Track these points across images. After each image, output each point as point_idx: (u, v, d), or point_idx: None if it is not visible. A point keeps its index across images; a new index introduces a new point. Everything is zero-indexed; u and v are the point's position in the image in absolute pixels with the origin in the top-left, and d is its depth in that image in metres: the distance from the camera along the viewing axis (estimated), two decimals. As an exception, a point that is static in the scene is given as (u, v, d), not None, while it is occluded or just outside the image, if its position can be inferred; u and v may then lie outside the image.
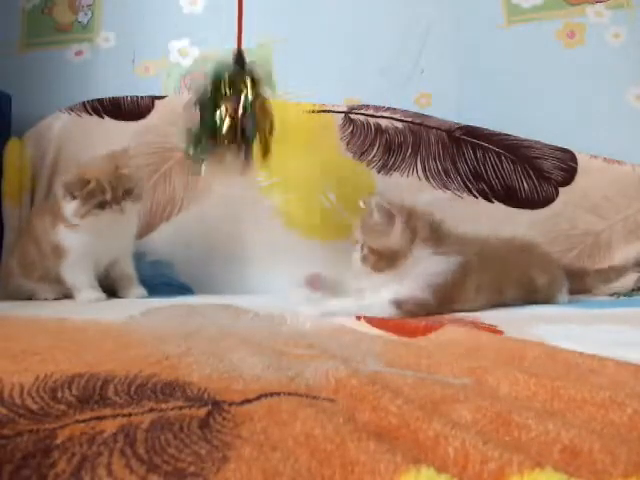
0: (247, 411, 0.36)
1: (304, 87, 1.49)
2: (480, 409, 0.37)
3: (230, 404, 0.37)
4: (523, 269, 0.98)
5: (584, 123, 1.43)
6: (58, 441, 0.31)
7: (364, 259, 0.88)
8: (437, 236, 0.87)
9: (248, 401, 0.38)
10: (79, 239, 1.05)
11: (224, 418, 0.35)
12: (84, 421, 0.33)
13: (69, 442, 0.31)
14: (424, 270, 0.84)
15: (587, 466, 0.30)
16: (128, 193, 1.05)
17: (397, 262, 0.85)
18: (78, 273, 1.07)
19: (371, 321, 0.73)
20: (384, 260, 0.86)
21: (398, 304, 0.82)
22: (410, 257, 0.85)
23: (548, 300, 1.00)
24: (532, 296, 0.97)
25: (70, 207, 1.02)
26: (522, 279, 0.97)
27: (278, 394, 0.39)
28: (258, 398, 0.38)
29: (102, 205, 1.02)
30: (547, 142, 1.37)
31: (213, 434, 0.33)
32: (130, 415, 0.34)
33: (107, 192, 1.02)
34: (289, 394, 0.39)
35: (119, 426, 0.33)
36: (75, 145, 1.36)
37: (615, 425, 0.36)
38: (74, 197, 1.01)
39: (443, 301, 0.84)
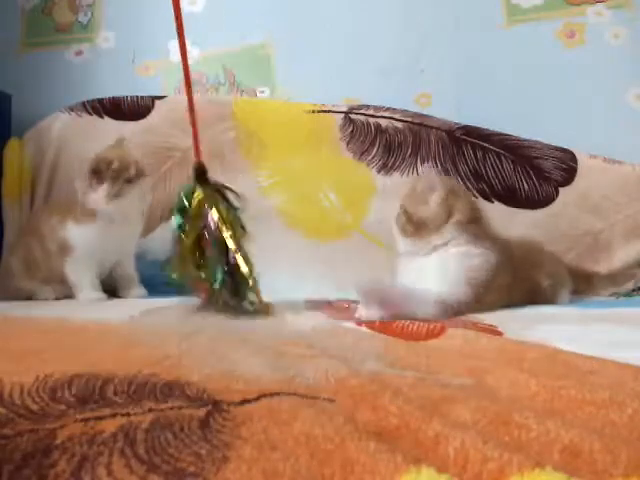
0: (247, 411, 0.36)
1: (304, 87, 1.49)
2: (480, 409, 0.37)
3: (230, 404, 0.37)
4: (530, 272, 0.98)
5: (584, 123, 1.43)
6: (58, 441, 0.31)
7: (397, 218, 0.91)
8: (476, 225, 0.87)
9: (248, 401, 0.37)
10: (87, 235, 1.06)
11: (224, 418, 0.35)
12: (84, 421, 0.33)
13: (69, 442, 0.31)
14: (466, 261, 0.85)
15: (587, 466, 0.30)
16: (139, 174, 1.08)
17: (423, 233, 0.87)
18: (81, 271, 1.08)
19: (373, 327, 0.73)
20: (412, 226, 0.88)
21: (443, 306, 0.80)
22: (442, 235, 0.85)
23: (551, 301, 0.99)
24: (536, 297, 0.97)
25: (100, 192, 1.03)
26: (530, 285, 0.96)
27: (278, 394, 0.39)
28: (258, 398, 0.38)
29: (130, 180, 1.05)
30: (547, 142, 1.37)
31: (213, 434, 0.33)
32: (130, 415, 0.34)
33: (132, 167, 1.05)
34: (289, 394, 0.39)
35: (119, 426, 0.33)
36: (75, 145, 1.36)
37: (615, 425, 0.36)
38: (101, 182, 1.03)
39: (473, 302, 0.83)
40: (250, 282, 0.79)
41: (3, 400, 0.36)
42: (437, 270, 0.86)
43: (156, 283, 1.23)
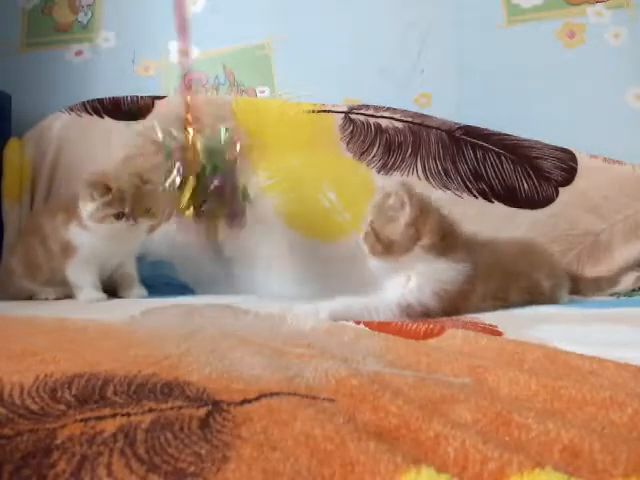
0: (247, 411, 0.36)
1: (304, 87, 1.49)
2: (480, 409, 0.37)
3: (230, 404, 0.37)
4: (529, 275, 0.97)
5: (584, 123, 1.43)
6: (58, 441, 0.31)
7: (365, 236, 0.88)
8: (447, 243, 0.85)
9: (248, 401, 0.38)
10: (90, 240, 1.05)
11: (224, 418, 0.35)
12: (84, 421, 0.33)
13: (69, 442, 0.31)
14: (433, 276, 0.83)
15: (587, 466, 0.30)
16: (147, 212, 1.05)
17: (392, 254, 0.84)
18: (83, 272, 1.08)
19: (370, 326, 0.73)
20: (381, 245, 0.85)
21: (405, 308, 0.81)
22: (410, 256, 0.84)
23: (551, 301, 0.99)
24: (537, 299, 0.97)
25: (87, 208, 1.02)
26: (528, 285, 0.96)
27: (278, 394, 0.39)
28: (258, 398, 0.38)
29: (119, 217, 1.02)
30: (547, 142, 1.37)
31: (213, 434, 0.33)
32: (130, 415, 0.34)
33: (127, 206, 1.01)
34: (289, 394, 0.39)
35: (119, 426, 0.33)
36: (75, 145, 1.36)
37: (615, 425, 0.36)
38: (93, 199, 1.02)
39: (449, 309, 0.83)
40: None
41: (3, 400, 0.36)
42: (404, 279, 0.85)
43: (156, 283, 1.23)
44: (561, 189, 1.33)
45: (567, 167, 1.35)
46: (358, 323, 0.74)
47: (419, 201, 0.86)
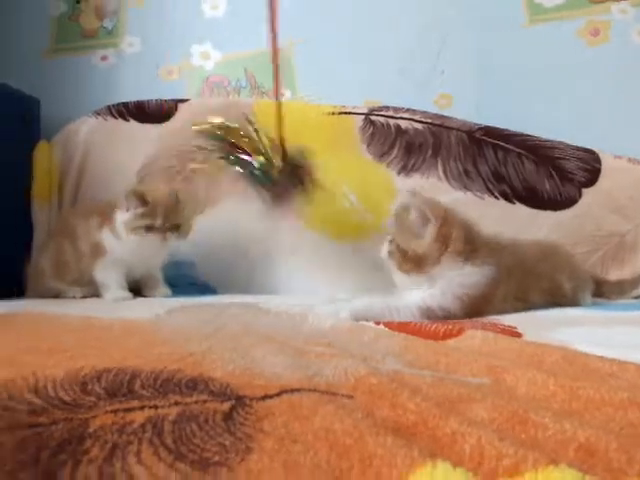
0: (269, 406, 0.37)
1: (324, 89, 1.50)
2: (497, 408, 0.38)
3: (252, 399, 0.38)
4: (550, 276, 0.96)
5: (607, 123, 1.41)
6: (90, 430, 0.32)
7: (390, 254, 0.87)
8: (471, 247, 0.85)
9: (269, 396, 0.39)
10: (121, 246, 1.08)
11: (247, 412, 0.36)
12: (114, 412, 0.35)
13: (101, 431, 0.32)
14: (456, 280, 0.83)
15: (602, 464, 0.30)
16: (176, 228, 1.09)
17: (423, 268, 0.84)
18: (110, 272, 1.11)
19: (390, 326, 0.73)
20: (409, 262, 0.85)
21: (425, 311, 0.81)
22: (438, 266, 0.83)
23: (573, 303, 0.98)
24: (559, 301, 0.96)
25: (122, 217, 1.06)
26: (549, 286, 0.95)
27: (299, 390, 0.40)
28: (279, 394, 0.39)
29: (149, 229, 1.06)
30: (569, 142, 1.35)
31: (237, 427, 0.34)
32: (157, 407, 0.36)
33: (157, 220, 1.05)
34: (309, 390, 0.40)
35: (147, 417, 0.34)
36: (101, 148, 1.39)
37: (634, 426, 0.36)
38: (129, 209, 1.06)
39: (470, 312, 0.83)
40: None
41: (38, 391, 0.38)
42: (427, 285, 0.85)
43: (180, 283, 1.25)
44: (585, 190, 1.31)
45: (590, 168, 1.33)
46: (378, 323, 0.75)
47: (440, 211, 0.85)
